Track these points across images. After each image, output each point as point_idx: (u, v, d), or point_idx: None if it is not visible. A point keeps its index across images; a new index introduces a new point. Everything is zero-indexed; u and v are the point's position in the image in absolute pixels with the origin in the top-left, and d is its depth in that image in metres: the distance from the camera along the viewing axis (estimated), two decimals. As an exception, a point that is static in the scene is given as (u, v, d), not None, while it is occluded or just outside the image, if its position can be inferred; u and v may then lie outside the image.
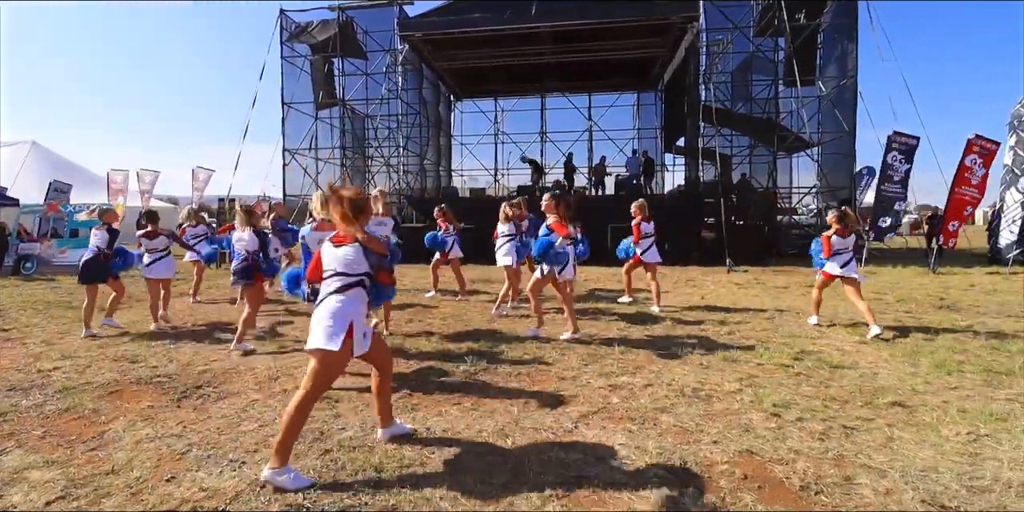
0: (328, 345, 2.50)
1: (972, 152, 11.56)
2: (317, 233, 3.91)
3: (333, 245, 2.71)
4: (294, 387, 3.78)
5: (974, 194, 11.71)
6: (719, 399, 3.54)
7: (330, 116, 16.38)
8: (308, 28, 15.20)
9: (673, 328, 5.71)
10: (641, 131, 21.67)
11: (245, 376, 4.14)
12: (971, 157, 11.56)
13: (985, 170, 11.73)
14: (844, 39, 13.65)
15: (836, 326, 5.78)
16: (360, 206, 2.68)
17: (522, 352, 4.74)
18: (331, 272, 2.69)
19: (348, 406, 3.46)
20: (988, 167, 11.69)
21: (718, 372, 4.13)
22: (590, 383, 3.87)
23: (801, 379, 3.97)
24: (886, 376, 4.06)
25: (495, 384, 3.88)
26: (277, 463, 2.43)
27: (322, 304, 2.64)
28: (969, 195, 11.72)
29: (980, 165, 11.72)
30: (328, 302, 2.62)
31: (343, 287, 2.64)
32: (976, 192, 11.73)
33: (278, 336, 5.56)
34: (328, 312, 2.58)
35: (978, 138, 11.51)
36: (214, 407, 3.48)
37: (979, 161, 11.69)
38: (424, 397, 3.62)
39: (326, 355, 2.54)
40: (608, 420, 3.19)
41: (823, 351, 4.73)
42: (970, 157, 11.55)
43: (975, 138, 11.54)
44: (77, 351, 5.00)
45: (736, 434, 2.97)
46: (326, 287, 2.68)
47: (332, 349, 2.50)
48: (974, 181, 11.65)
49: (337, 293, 2.63)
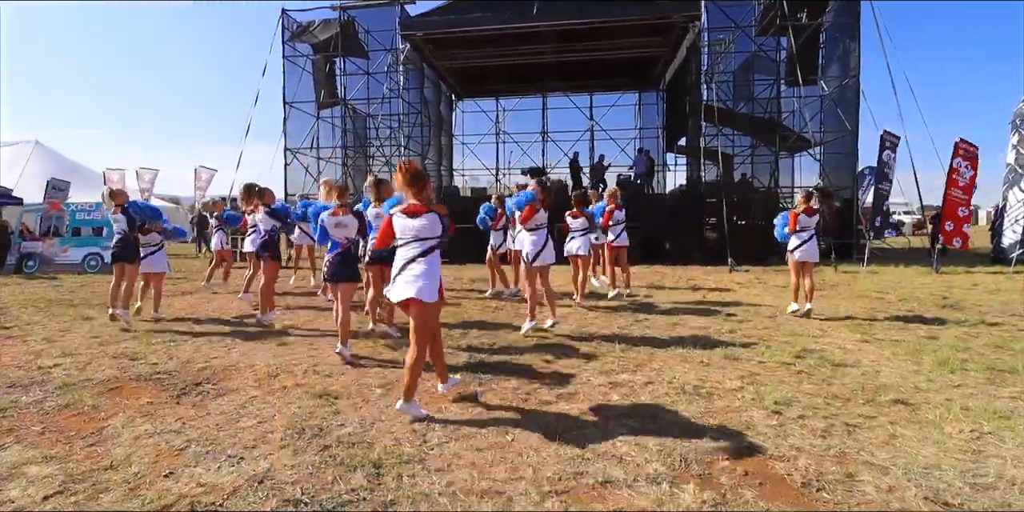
0: (429, 298, 3.08)
1: (958, 155, 11.56)
2: (334, 218, 4.59)
3: (407, 216, 3.18)
4: (294, 384, 3.79)
5: (961, 195, 11.68)
6: (720, 397, 3.52)
7: (331, 115, 16.37)
8: (310, 28, 15.19)
9: (674, 327, 5.69)
10: (643, 131, 21.62)
11: (244, 373, 4.13)
12: (958, 160, 11.55)
13: (973, 172, 11.73)
14: (846, 38, 13.60)
15: (838, 325, 5.75)
16: (422, 178, 3.19)
17: (522, 349, 4.72)
18: (408, 239, 3.19)
19: (347, 403, 3.44)
20: (976, 169, 11.71)
21: (719, 370, 4.11)
22: (590, 380, 3.86)
23: (803, 377, 3.94)
24: (888, 374, 4.04)
25: (495, 381, 3.86)
26: (406, 398, 3.10)
27: (410, 266, 3.13)
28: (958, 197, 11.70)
29: (967, 167, 11.70)
30: (417, 265, 3.13)
31: (426, 250, 3.15)
32: (962, 194, 11.71)
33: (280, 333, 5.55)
34: (421, 272, 3.11)
35: (963, 142, 11.56)
36: (213, 404, 3.47)
37: (965, 164, 11.68)
38: (424, 394, 3.60)
39: (425, 308, 3.10)
40: (608, 417, 3.17)
41: (825, 349, 4.71)
42: (957, 160, 11.54)
43: (960, 141, 11.58)
44: (78, 348, 5.00)
45: (737, 431, 2.95)
46: (407, 252, 3.17)
47: (431, 302, 3.09)
48: (961, 183, 11.65)
49: (422, 256, 3.14)
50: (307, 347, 4.92)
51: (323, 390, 3.64)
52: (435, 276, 3.14)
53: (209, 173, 15.78)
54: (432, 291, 3.09)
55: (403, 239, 3.20)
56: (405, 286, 3.10)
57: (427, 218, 3.15)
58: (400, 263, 3.17)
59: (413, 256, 3.14)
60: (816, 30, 13.59)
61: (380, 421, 3.13)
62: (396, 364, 4.32)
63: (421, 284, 3.06)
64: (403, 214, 3.19)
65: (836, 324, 5.80)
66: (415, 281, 3.08)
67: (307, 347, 4.92)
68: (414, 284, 3.07)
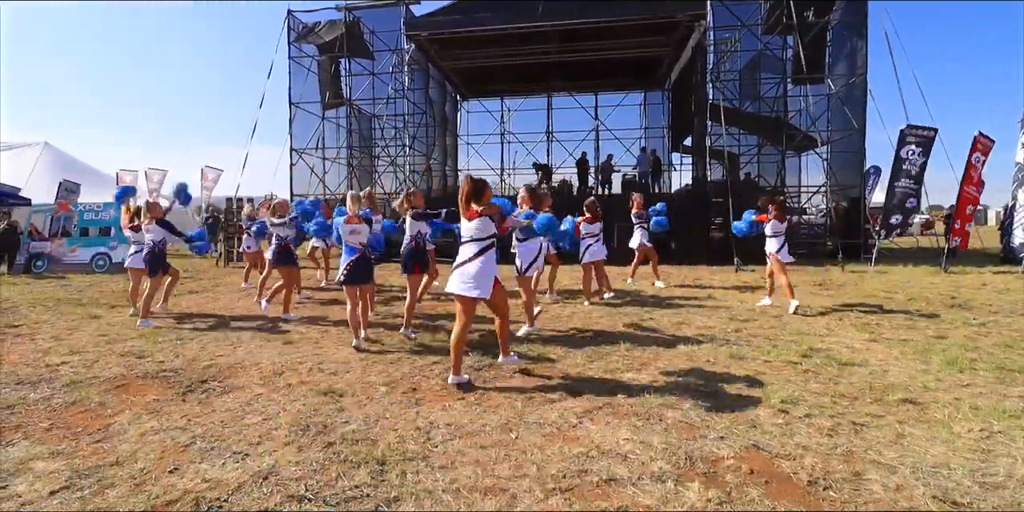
0: (483, 295, 3.67)
1: (977, 149, 11.40)
2: (348, 225, 4.89)
3: (467, 220, 3.73)
4: (299, 382, 3.80)
5: (973, 192, 11.57)
6: (726, 395, 3.50)
7: (337, 116, 16.44)
8: (315, 28, 15.27)
9: (680, 326, 5.67)
10: (648, 130, 21.59)
11: (250, 371, 4.15)
12: (976, 155, 11.40)
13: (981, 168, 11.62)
14: (853, 36, 13.51)
15: (845, 324, 5.71)
16: (481, 189, 3.73)
17: (526, 348, 4.72)
18: (468, 238, 3.75)
19: (352, 401, 3.45)
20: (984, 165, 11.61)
21: (725, 369, 4.08)
22: (595, 379, 3.84)
23: (809, 376, 3.91)
24: (896, 373, 4.00)
25: (499, 379, 3.86)
26: (455, 373, 3.70)
27: (469, 264, 3.70)
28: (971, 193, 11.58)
29: (982, 163, 11.57)
30: (474, 263, 3.68)
31: (482, 249, 3.70)
32: (975, 191, 11.60)
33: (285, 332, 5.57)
34: (477, 271, 3.67)
35: (982, 135, 11.37)
36: (218, 401, 3.49)
37: (982, 159, 11.54)
38: (428, 392, 3.60)
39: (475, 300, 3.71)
40: (613, 416, 3.16)
41: (832, 349, 4.67)
42: (976, 155, 11.39)
43: (980, 135, 11.38)
44: (85, 346, 5.03)
45: (743, 430, 2.93)
46: (467, 251, 3.73)
47: (485, 298, 3.70)
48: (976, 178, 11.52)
49: (479, 255, 3.69)
50: (312, 346, 4.93)
51: (328, 388, 3.65)
52: (489, 273, 3.69)
53: (216, 173, 15.87)
54: (486, 289, 3.67)
55: (464, 238, 3.77)
56: (462, 285, 3.66)
57: (481, 221, 3.69)
58: (459, 260, 3.75)
59: (469, 255, 3.70)
60: (823, 28, 13.51)
61: (384, 418, 3.13)
62: (399, 363, 4.33)
63: (473, 284, 3.64)
64: (464, 218, 3.75)
65: (843, 323, 5.75)
66: (470, 282, 3.65)
67: (312, 346, 4.93)
68: (471, 282, 3.65)
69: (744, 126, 15.41)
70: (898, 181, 11.61)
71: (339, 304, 7.24)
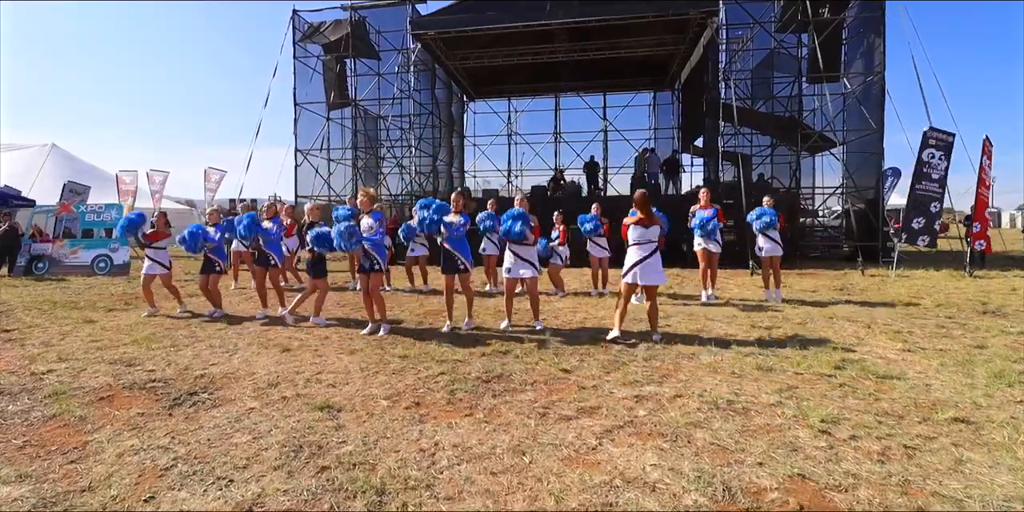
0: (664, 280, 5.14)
1: (985, 153, 11.10)
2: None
3: (644, 227, 5.04)
4: (294, 394, 3.54)
5: (986, 195, 11.25)
6: (758, 412, 3.20)
7: (342, 117, 16.25)
8: (321, 28, 15.09)
9: (699, 333, 5.36)
10: (657, 131, 21.26)
11: (244, 382, 3.89)
12: (984, 158, 11.09)
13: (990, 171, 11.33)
14: (870, 33, 13.15)
15: (875, 332, 5.39)
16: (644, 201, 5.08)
17: (538, 358, 4.43)
18: (645, 240, 5.01)
19: (351, 416, 3.18)
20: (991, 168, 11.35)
21: (753, 382, 3.79)
22: (613, 393, 3.56)
23: (846, 390, 3.61)
24: (940, 388, 3.69)
25: (510, 394, 3.58)
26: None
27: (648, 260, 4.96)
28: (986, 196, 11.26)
29: (988, 166, 11.26)
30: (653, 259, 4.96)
31: (654, 250, 4.99)
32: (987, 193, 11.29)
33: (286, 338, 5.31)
34: (657, 264, 4.99)
35: (988, 141, 11.12)
36: (206, 416, 3.23)
37: (988, 163, 11.22)
38: (432, 407, 3.33)
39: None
40: (635, 436, 2.87)
41: (866, 359, 4.36)
42: (983, 158, 11.08)
43: (987, 140, 11.12)
44: (75, 353, 4.80)
45: (783, 454, 2.63)
46: (643, 251, 4.99)
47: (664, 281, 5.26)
48: (987, 182, 11.21)
49: (653, 254, 4.98)
50: (311, 354, 4.67)
51: (325, 401, 3.38)
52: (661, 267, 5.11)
53: (219, 174, 15.72)
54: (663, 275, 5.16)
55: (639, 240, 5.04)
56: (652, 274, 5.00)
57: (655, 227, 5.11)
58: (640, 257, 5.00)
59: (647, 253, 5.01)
60: (838, 26, 13.17)
61: (385, 437, 2.86)
62: (403, 373, 4.05)
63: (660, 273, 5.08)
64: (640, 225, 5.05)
65: (873, 331, 5.42)
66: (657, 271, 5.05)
67: (311, 354, 4.67)
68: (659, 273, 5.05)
69: (757, 126, 15.07)
70: (919, 184, 11.24)
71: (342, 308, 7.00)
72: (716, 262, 7.56)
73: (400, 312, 6.73)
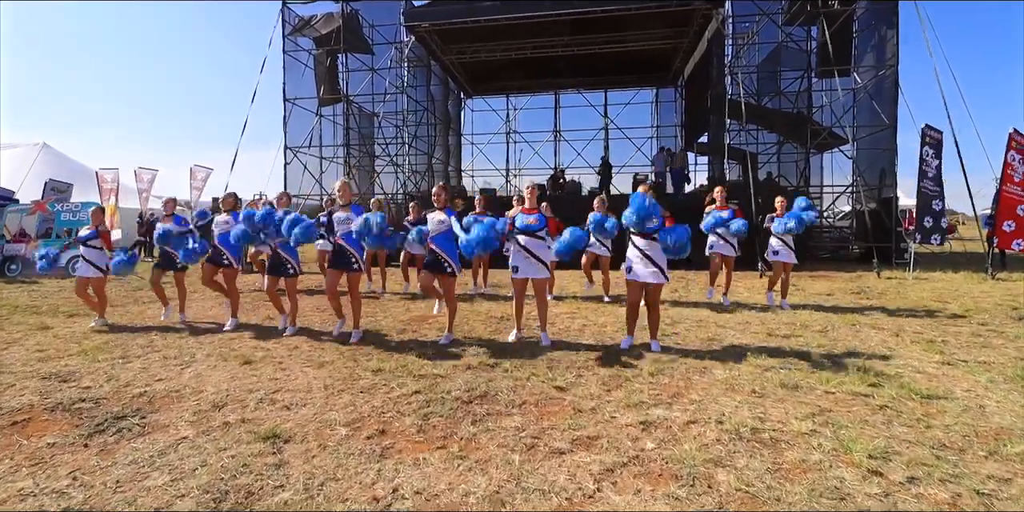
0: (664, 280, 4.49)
1: (1012, 147, 10.53)
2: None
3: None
4: (239, 419, 3.00)
5: (1019, 192, 10.67)
6: (789, 444, 2.66)
7: (334, 113, 15.74)
8: (311, 21, 14.59)
9: (710, 343, 4.82)
10: (660, 129, 20.72)
11: (186, 402, 3.36)
12: (1012, 153, 10.53)
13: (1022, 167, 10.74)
14: (883, 25, 12.60)
15: (905, 340, 4.84)
16: None
17: (529, 372, 3.89)
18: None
19: (299, 449, 2.64)
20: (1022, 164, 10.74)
21: (778, 403, 3.24)
22: (615, 418, 3.02)
23: (889, 415, 3.07)
24: (997, 410, 3.15)
25: (493, 418, 3.04)
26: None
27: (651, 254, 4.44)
28: (1016, 194, 10.68)
29: (1021, 162, 10.69)
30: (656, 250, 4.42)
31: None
32: (1020, 190, 10.70)
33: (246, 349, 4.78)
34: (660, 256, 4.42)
35: (1017, 133, 10.52)
36: (127, 448, 2.69)
37: (1018, 157, 10.66)
38: (399, 436, 2.79)
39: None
40: (644, 477, 2.34)
41: (903, 375, 3.82)
42: (1011, 153, 10.52)
43: (1014, 133, 10.54)
44: (12, 365, 4.28)
45: (829, 504, 2.09)
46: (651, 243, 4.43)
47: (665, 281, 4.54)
48: (1016, 178, 10.62)
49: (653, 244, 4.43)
50: (274, 367, 4.13)
51: (273, 429, 2.85)
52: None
53: (205, 171, 15.18)
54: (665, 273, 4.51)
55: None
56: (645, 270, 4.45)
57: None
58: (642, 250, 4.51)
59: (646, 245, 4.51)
60: (849, 17, 12.64)
61: (334, 480, 2.32)
62: (372, 392, 3.52)
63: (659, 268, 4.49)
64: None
65: (903, 340, 4.88)
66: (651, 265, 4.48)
67: (274, 367, 4.13)
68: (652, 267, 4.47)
69: (764, 123, 14.53)
70: (923, 182, 10.75)
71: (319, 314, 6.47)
72: (732, 266, 6.98)
73: (383, 317, 6.20)
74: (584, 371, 3.95)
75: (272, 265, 5.29)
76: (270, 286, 5.39)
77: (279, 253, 5.20)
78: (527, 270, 4.82)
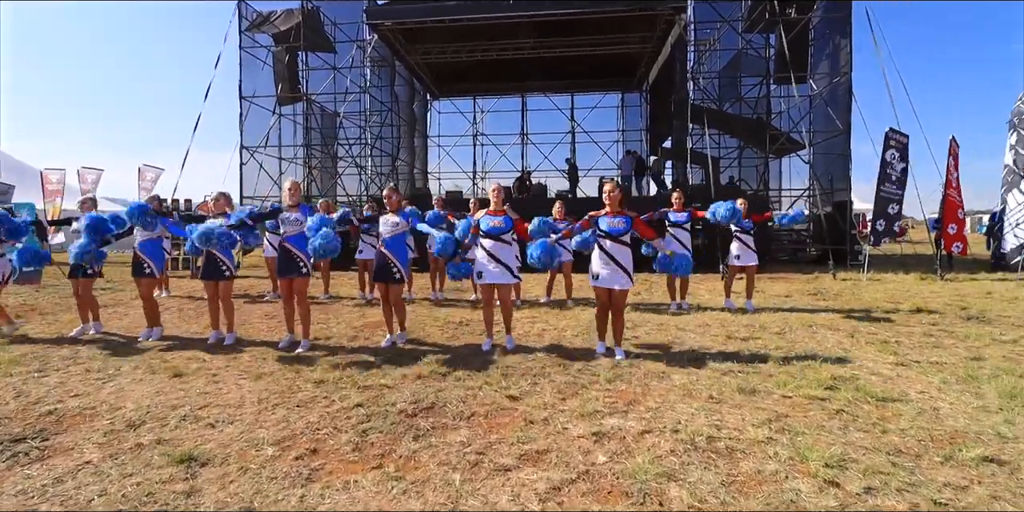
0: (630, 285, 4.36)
1: (952, 154, 11.02)
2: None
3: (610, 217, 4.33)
4: (155, 440, 2.72)
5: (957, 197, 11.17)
6: (745, 454, 2.55)
7: (294, 112, 15.25)
8: (270, 18, 14.10)
9: (670, 347, 4.73)
10: (626, 133, 20.91)
11: (99, 421, 3.04)
12: (950, 160, 11.02)
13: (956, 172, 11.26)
14: (836, 35, 12.99)
15: (860, 342, 4.86)
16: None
17: (482, 381, 3.70)
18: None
19: (216, 473, 2.38)
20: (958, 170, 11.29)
21: (735, 409, 3.15)
22: (567, 429, 2.86)
23: (846, 419, 3.00)
24: (951, 412, 3.13)
25: (438, 432, 2.84)
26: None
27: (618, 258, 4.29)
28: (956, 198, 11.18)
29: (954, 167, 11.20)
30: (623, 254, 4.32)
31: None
32: (958, 195, 11.21)
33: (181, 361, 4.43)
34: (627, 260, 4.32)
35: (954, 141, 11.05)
36: (18, 476, 2.38)
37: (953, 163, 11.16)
38: (332, 455, 2.56)
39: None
40: (592, 495, 2.18)
41: (859, 377, 3.79)
42: (950, 159, 11.00)
43: (953, 141, 11.05)
44: (-92, 382, 3.84)
45: (784, 522, 1.97)
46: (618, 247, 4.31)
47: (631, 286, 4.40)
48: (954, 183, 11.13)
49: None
50: (206, 380, 3.82)
51: (190, 450, 2.57)
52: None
53: (155, 172, 14.44)
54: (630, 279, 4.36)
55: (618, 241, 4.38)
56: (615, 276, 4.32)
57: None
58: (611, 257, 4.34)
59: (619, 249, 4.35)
60: (805, 26, 12.98)
61: (249, 509, 2.08)
62: (310, 407, 3.26)
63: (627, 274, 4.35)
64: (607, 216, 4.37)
65: (858, 341, 4.91)
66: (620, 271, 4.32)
67: (206, 380, 3.82)
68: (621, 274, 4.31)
69: (725, 128, 14.78)
70: (883, 185, 11.06)
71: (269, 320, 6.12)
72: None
73: (336, 324, 5.91)
74: (540, 379, 3.78)
75: (207, 269, 4.94)
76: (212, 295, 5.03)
77: (214, 254, 4.86)
78: (492, 276, 4.61)
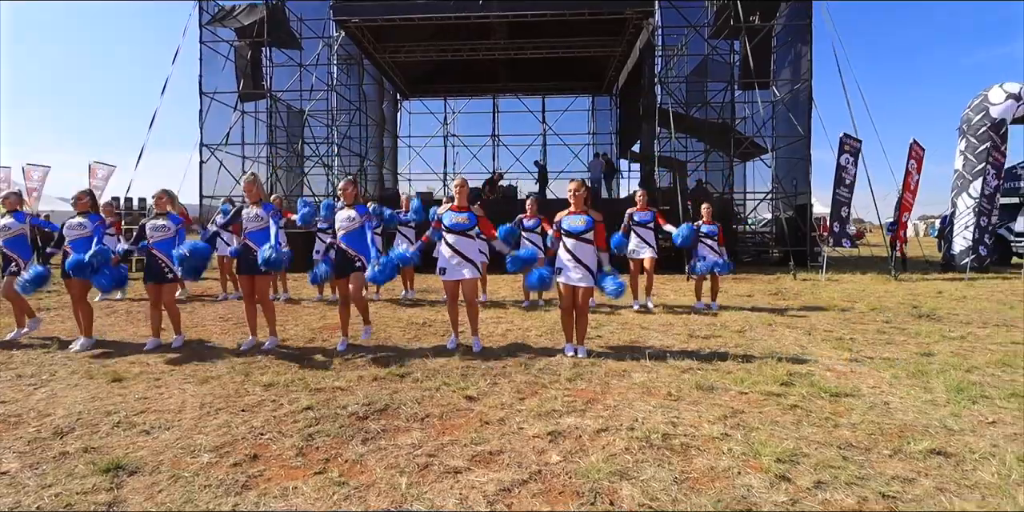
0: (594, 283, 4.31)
1: (912, 157, 11.45)
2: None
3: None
4: (81, 449, 2.53)
5: (910, 199, 11.65)
6: (699, 450, 2.53)
7: (256, 110, 14.83)
8: (233, 12, 13.69)
9: (632, 346, 4.73)
10: (596, 136, 21.08)
11: (23, 429, 2.82)
12: (912, 162, 11.45)
13: (918, 176, 11.73)
14: (798, 42, 13.38)
15: (817, 340, 4.95)
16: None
17: (440, 382, 3.61)
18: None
19: (144, 482, 2.22)
20: (919, 173, 11.76)
21: (692, 407, 3.14)
22: (523, 429, 2.79)
23: (799, 414, 3.02)
24: (901, 407, 3.19)
25: (388, 435, 2.73)
26: None
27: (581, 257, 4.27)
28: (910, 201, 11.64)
29: (915, 170, 11.65)
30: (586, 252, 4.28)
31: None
32: (911, 198, 11.68)
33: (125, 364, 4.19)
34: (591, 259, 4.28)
35: (916, 144, 11.46)
36: (-81, 491, 2.18)
37: (915, 166, 11.60)
38: (273, 461, 2.43)
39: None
40: (542, 496, 2.11)
41: (814, 373, 3.85)
42: (911, 162, 11.43)
43: (914, 143, 11.46)
44: None
45: (734, 518, 1.95)
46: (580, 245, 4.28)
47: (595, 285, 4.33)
48: (912, 186, 11.58)
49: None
50: (148, 384, 3.62)
51: (118, 458, 2.40)
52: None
53: (107, 169, 13.83)
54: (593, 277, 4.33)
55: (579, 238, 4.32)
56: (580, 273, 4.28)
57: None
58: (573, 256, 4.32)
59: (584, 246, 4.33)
60: (768, 33, 13.32)
61: (177, 520, 1.94)
62: (256, 410, 3.12)
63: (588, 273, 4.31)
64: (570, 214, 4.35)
65: (814, 339, 5.00)
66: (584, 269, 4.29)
67: (148, 384, 3.62)
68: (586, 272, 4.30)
69: (692, 132, 15.03)
70: (839, 189, 11.39)
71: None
72: (653, 268, 6.91)
73: (294, 326, 5.72)
74: (500, 379, 3.71)
75: (149, 272, 4.68)
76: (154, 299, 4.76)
77: (156, 256, 4.61)
78: (456, 272, 4.51)
